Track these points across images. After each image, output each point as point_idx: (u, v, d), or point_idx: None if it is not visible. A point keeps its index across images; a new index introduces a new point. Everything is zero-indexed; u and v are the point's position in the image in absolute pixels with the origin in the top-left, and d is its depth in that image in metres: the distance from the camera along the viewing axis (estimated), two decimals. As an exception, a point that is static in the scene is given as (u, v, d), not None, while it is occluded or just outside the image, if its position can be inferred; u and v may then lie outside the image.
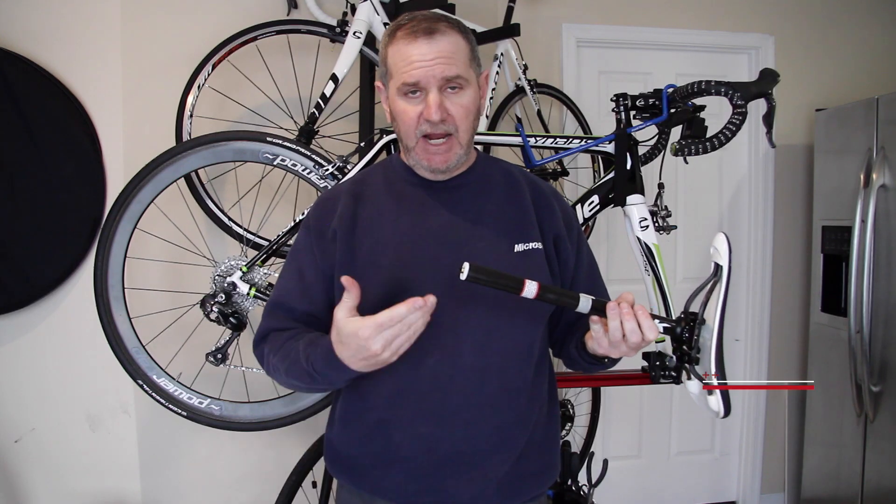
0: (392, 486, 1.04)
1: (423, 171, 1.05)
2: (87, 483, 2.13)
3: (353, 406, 1.07)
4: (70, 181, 2.02)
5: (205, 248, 1.92)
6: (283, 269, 1.11)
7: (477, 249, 1.04)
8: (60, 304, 2.07)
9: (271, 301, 1.09)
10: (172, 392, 1.61)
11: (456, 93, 0.98)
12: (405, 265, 1.02)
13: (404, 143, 1.04)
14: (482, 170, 1.12)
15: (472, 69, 1.01)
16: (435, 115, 0.96)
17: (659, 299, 1.54)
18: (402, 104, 0.99)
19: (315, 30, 1.96)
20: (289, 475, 1.69)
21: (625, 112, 1.52)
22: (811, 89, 2.69)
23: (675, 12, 2.61)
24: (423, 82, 0.96)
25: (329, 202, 1.09)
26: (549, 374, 1.15)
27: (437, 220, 1.05)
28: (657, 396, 2.73)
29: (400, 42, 0.97)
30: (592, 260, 1.19)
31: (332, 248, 1.04)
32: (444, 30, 0.97)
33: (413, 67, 0.95)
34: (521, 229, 1.07)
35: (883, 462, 2.19)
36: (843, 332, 2.30)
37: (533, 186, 1.14)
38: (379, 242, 1.03)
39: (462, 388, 1.01)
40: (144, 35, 2.08)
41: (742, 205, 2.78)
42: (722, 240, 0.97)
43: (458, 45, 0.98)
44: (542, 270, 1.07)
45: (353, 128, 2.09)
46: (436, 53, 0.95)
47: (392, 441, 1.03)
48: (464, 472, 1.02)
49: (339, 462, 1.11)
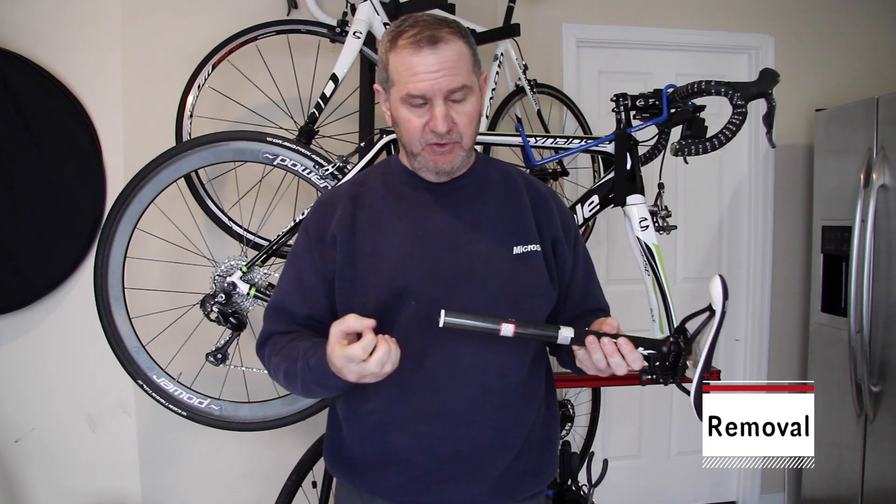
0: (391, 485, 1.04)
1: (426, 173, 1.05)
2: (87, 483, 2.13)
3: (353, 406, 1.08)
4: (70, 181, 2.01)
5: (205, 248, 1.92)
6: (282, 272, 1.12)
7: (476, 252, 1.04)
8: (60, 304, 2.07)
9: (272, 304, 1.10)
10: (172, 392, 1.61)
11: (460, 102, 0.98)
12: (405, 268, 1.02)
13: (408, 150, 1.04)
14: (481, 171, 1.12)
15: (474, 74, 1.01)
16: (442, 127, 0.96)
17: (659, 299, 1.54)
18: (406, 113, 0.99)
19: (315, 30, 1.96)
20: (289, 475, 1.69)
21: (625, 112, 1.51)
22: (811, 89, 2.69)
23: (675, 12, 2.61)
24: (428, 94, 0.96)
25: (328, 205, 1.09)
26: (546, 373, 1.16)
27: (436, 222, 1.05)
28: (657, 396, 2.73)
29: (403, 51, 0.96)
30: (589, 261, 1.19)
31: (331, 252, 1.04)
32: (448, 37, 0.96)
33: (418, 80, 0.95)
34: (519, 231, 1.07)
35: (883, 462, 2.19)
36: (843, 332, 2.30)
37: (531, 188, 1.14)
38: (379, 246, 1.03)
39: (461, 389, 1.01)
40: (144, 35, 2.08)
41: (742, 205, 2.78)
42: (717, 284, 0.93)
43: (461, 52, 0.98)
44: (541, 273, 1.07)
45: (353, 128, 2.08)
46: (440, 65, 0.95)
47: (391, 441, 1.03)
48: (462, 472, 1.03)
49: (338, 462, 1.11)
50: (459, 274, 1.02)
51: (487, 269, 1.03)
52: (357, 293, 1.02)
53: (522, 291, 1.05)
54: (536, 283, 1.06)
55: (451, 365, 1.00)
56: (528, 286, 1.06)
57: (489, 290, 1.02)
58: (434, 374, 1.00)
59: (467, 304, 0.99)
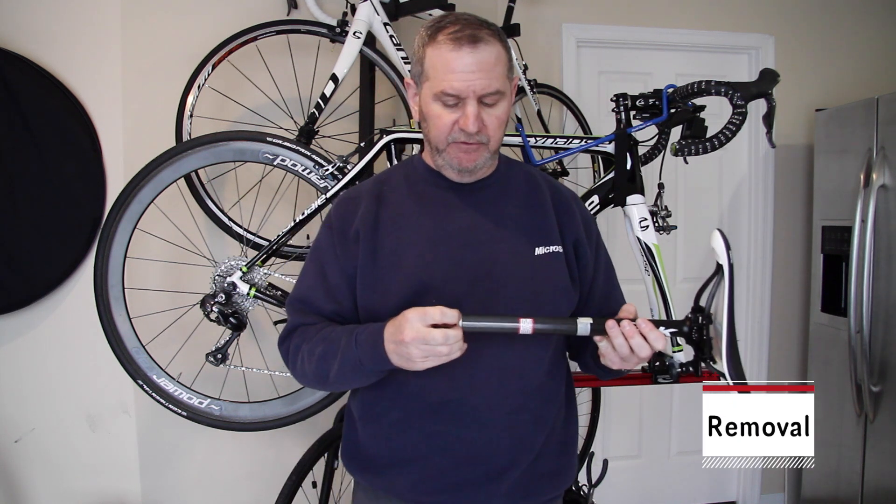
0: (407, 485, 1.04)
1: (450, 171, 1.05)
2: (87, 483, 2.13)
3: (372, 405, 1.08)
4: (70, 181, 2.01)
5: (205, 248, 1.92)
6: (304, 267, 1.11)
7: (498, 251, 1.04)
8: (60, 304, 2.07)
9: (295, 297, 1.09)
10: (172, 392, 1.62)
11: (492, 106, 0.99)
12: (427, 266, 1.02)
13: (434, 145, 1.04)
14: (504, 172, 1.12)
15: (507, 79, 1.01)
16: (472, 127, 0.97)
17: (659, 299, 1.55)
18: (438, 109, 0.99)
19: (315, 30, 1.96)
20: (289, 475, 1.68)
21: (625, 112, 1.52)
22: (811, 89, 2.69)
23: (675, 12, 2.61)
24: (462, 94, 0.96)
25: (351, 202, 1.09)
26: (566, 375, 1.15)
27: (459, 221, 1.05)
28: (657, 396, 2.73)
29: (442, 47, 0.97)
30: (609, 264, 1.20)
31: (354, 248, 1.04)
32: (487, 38, 0.97)
33: (455, 78, 0.95)
34: (542, 232, 1.08)
35: (883, 462, 2.19)
36: (843, 332, 2.30)
37: (554, 190, 1.14)
38: (401, 243, 1.03)
39: (480, 390, 1.01)
40: (144, 35, 2.08)
41: (742, 205, 2.78)
42: (718, 238, 0.95)
43: (499, 56, 0.98)
44: (562, 274, 1.07)
45: (353, 128, 2.08)
46: (478, 66, 0.95)
47: (409, 440, 1.03)
48: (480, 473, 1.02)
49: (356, 460, 1.11)
50: (481, 273, 1.02)
51: (509, 269, 1.03)
52: (378, 290, 1.02)
53: (544, 292, 1.05)
54: (558, 285, 1.06)
55: (470, 365, 0.99)
56: (550, 287, 1.06)
57: (510, 290, 1.03)
58: (452, 374, 0.99)
59: (488, 302, 0.99)
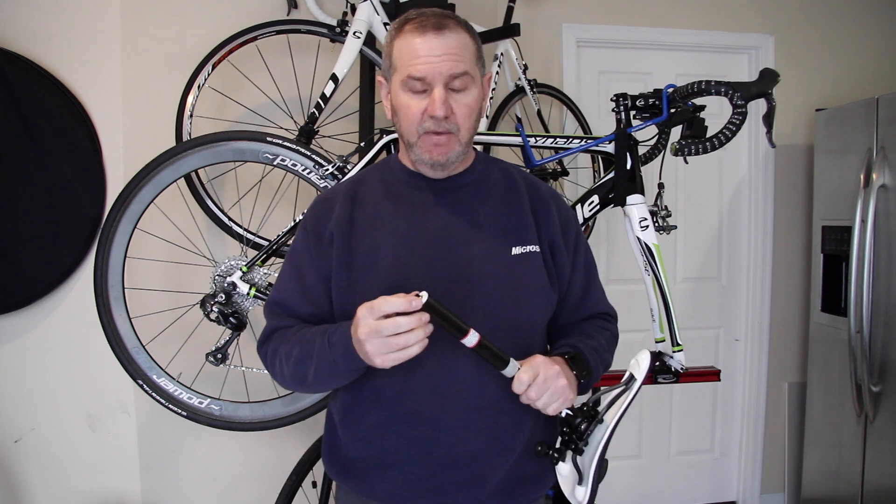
0: (388, 489, 1.04)
1: (423, 166, 1.04)
2: (87, 483, 2.13)
3: (351, 409, 1.07)
4: (70, 181, 2.02)
5: (205, 248, 1.92)
6: (282, 270, 1.11)
7: (474, 252, 1.03)
8: (60, 304, 2.07)
9: (272, 301, 1.09)
10: (172, 392, 1.61)
11: (460, 92, 0.98)
12: (403, 267, 1.01)
13: (405, 139, 1.03)
14: (481, 170, 1.11)
15: (477, 69, 1.01)
16: (439, 110, 0.96)
17: (659, 299, 1.55)
18: (406, 99, 0.99)
19: (315, 30, 1.96)
20: (289, 475, 1.69)
21: (625, 112, 1.52)
22: (811, 89, 2.69)
23: (675, 12, 2.61)
24: (429, 77, 0.96)
25: (326, 203, 1.09)
26: None
27: (434, 222, 1.05)
28: (657, 396, 2.73)
29: (407, 35, 0.97)
30: (590, 263, 1.18)
31: (329, 250, 1.04)
32: (453, 26, 0.97)
33: (420, 62, 0.95)
34: (519, 232, 1.07)
35: (883, 462, 2.19)
36: (843, 332, 2.30)
37: (531, 188, 1.13)
38: (376, 244, 1.03)
39: (458, 392, 1.00)
40: (144, 35, 2.08)
41: (742, 205, 2.78)
42: (645, 356, 0.97)
43: (465, 43, 0.98)
44: (540, 273, 1.06)
45: (353, 128, 2.09)
46: (444, 49, 0.95)
47: (388, 444, 1.03)
48: (460, 477, 1.02)
49: (336, 465, 1.10)
50: (457, 274, 1.01)
51: (485, 270, 1.03)
52: (353, 291, 1.01)
53: (521, 292, 1.04)
54: (535, 284, 1.06)
55: (447, 368, 0.99)
56: (527, 287, 1.05)
57: (487, 290, 1.02)
58: (430, 377, 0.99)
59: (465, 303, 0.98)
